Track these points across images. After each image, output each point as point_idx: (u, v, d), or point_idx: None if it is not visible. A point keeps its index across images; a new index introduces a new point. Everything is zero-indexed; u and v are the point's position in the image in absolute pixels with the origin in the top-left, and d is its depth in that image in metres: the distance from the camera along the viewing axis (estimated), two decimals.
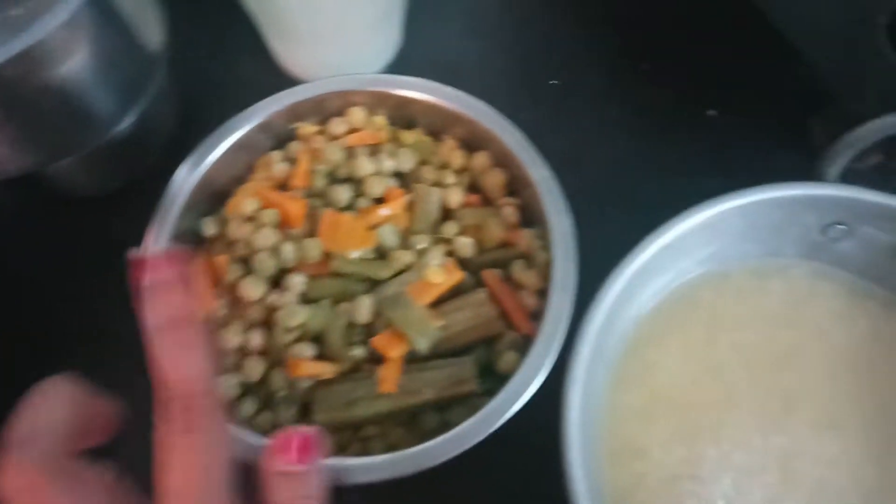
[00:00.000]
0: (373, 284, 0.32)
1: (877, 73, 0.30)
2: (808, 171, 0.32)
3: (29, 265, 0.39)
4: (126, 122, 0.35)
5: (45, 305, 0.38)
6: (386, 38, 0.41)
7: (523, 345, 0.31)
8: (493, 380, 0.31)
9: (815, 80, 0.35)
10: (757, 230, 0.32)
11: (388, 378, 0.29)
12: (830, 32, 0.31)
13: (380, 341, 0.30)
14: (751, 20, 0.35)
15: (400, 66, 0.42)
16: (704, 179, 0.39)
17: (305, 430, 0.24)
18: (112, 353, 0.35)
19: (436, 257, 0.32)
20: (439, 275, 0.31)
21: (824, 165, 0.30)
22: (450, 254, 0.33)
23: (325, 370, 0.30)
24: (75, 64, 0.31)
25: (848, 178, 0.33)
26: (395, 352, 0.30)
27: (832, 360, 0.32)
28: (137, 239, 0.32)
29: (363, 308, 0.31)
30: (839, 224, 0.31)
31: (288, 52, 0.40)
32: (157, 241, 0.32)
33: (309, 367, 0.30)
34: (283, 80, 0.41)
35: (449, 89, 0.34)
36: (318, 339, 0.31)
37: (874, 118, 0.29)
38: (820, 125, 0.38)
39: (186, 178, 0.33)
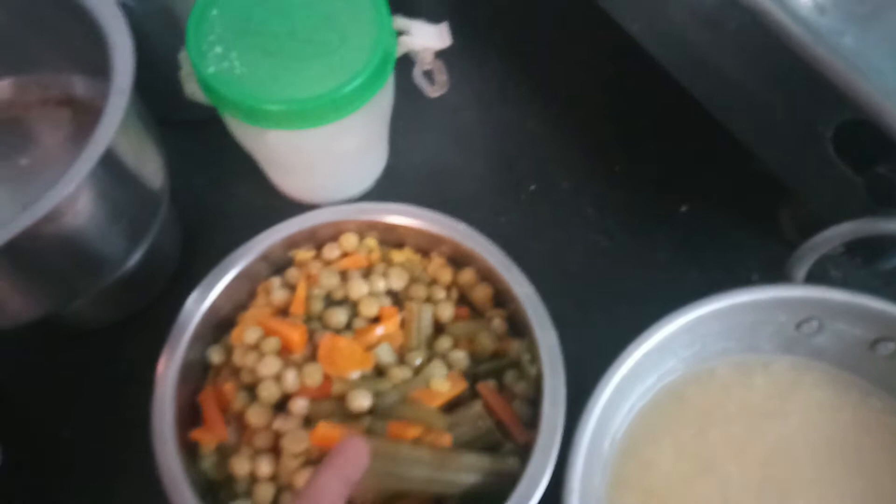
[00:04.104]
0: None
1: (828, 182, 0.32)
2: (778, 260, 0.34)
3: (38, 402, 0.39)
4: (133, 261, 0.37)
5: (56, 442, 0.38)
6: (374, 159, 0.43)
7: (522, 453, 0.32)
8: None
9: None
10: (734, 329, 0.34)
11: None
12: (783, 143, 0.34)
13: None
14: (716, 122, 0.37)
15: (389, 179, 0.45)
16: (681, 273, 0.41)
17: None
18: (126, 486, 0.37)
19: (440, 368, 0.33)
20: (445, 384, 0.33)
21: (791, 266, 0.32)
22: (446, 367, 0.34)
23: None
24: (83, 217, 0.32)
25: (817, 266, 0.35)
26: None
27: (821, 449, 0.33)
28: (148, 367, 0.34)
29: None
30: (811, 320, 0.33)
31: (282, 180, 0.43)
32: (167, 370, 0.34)
33: None
34: (279, 202, 0.44)
35: (431, 213, 0.36)
36: None
37: (834, 223, 0.31)
38: (787, 218, 0.40)
39: (194, 310, 0.35)
